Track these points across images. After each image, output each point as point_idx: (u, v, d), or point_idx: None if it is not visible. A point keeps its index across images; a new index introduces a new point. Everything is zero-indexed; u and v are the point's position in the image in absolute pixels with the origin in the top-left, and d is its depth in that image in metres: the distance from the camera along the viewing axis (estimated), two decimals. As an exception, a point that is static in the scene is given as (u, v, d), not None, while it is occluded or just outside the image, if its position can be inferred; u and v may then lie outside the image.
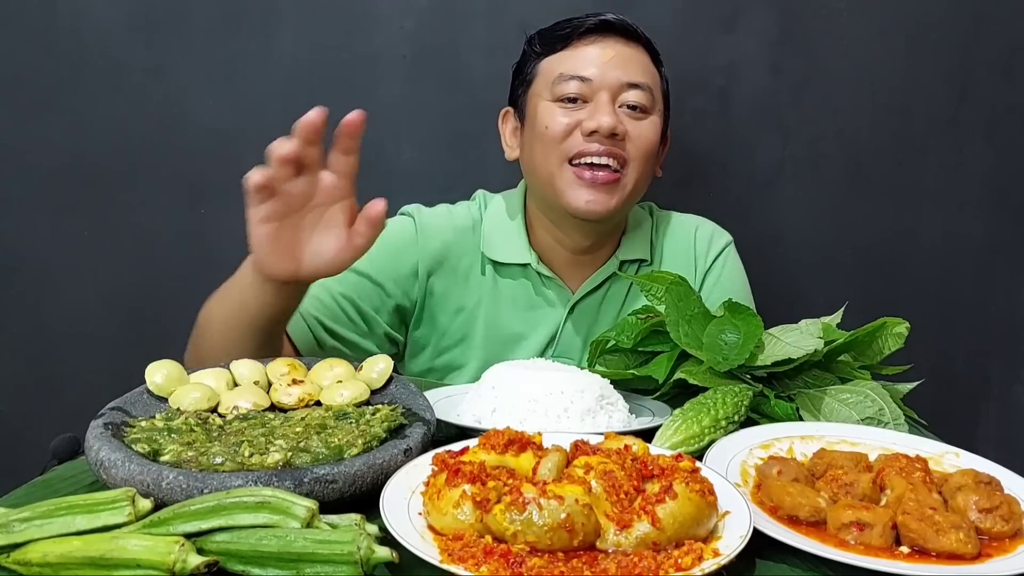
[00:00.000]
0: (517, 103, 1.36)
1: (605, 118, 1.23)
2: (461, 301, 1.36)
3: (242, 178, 0.95)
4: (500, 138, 1.40)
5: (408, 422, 0.83)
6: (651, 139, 1.29)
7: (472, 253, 1.36)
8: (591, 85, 1.26)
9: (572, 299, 1.36)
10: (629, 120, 1.27)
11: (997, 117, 1.66)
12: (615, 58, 1.27)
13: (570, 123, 1.26)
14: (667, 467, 0.70)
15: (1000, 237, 1.71)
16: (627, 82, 1.27)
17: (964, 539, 0.68)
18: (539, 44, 1.32)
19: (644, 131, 1.28)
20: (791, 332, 1.07)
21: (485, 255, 1.36)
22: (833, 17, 1.62)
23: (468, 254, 1.36)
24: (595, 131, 1.24)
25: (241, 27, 1.60)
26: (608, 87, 1.26)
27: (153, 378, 0.88)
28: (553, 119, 1.27)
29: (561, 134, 1.26)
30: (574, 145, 1.26)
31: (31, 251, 1.66)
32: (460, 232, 1.36)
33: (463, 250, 1.35)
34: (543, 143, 1.28)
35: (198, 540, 0.62)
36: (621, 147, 1.26)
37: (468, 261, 1.36)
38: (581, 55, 1.28)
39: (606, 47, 1.28)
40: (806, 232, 1.70)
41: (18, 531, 0.62)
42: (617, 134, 1.24)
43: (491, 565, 0.60)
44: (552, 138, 1.27)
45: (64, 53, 1.59)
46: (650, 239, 1.41)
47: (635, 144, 1.27)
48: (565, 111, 1.27)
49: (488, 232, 1.37)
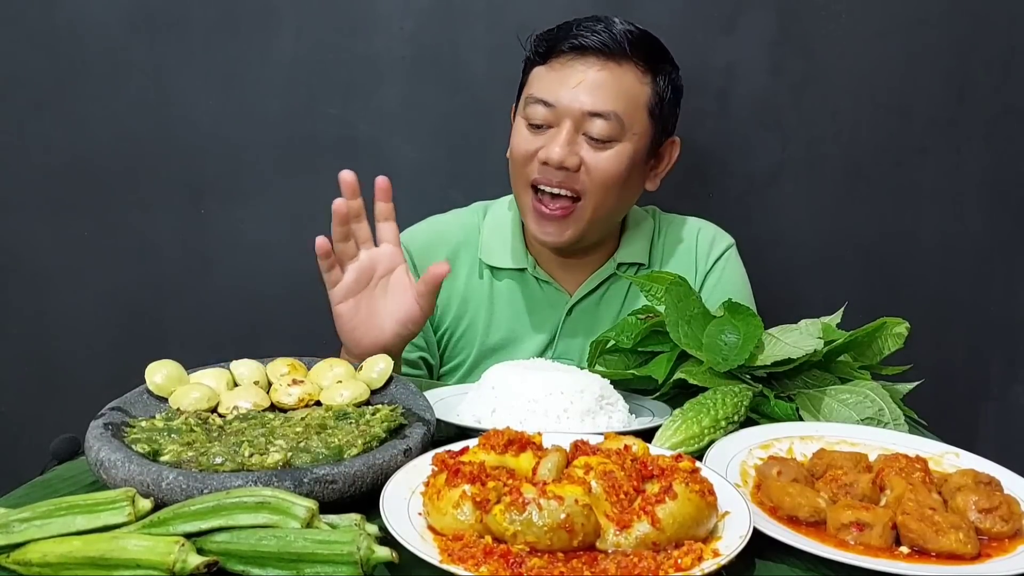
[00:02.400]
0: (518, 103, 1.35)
1: (556, 150, 1.22)
2: (460, 308, 1.38)
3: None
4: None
5: (408, 422, 0.83)
6: (611, 170, 1.25)
7: (470, 261, 1.38)
8: (555, 111, 1.24)
9: (570, 302, 1.37)
10: (589, 151, 1.24)
11: (996, 117, 1.66)
12: (584, 84, 1.23)
13: (530, 150, 1.26)
14: (667, 467, 0.70)
15: (1000, 237, 1.71)
16: (590, 111, 1.23)
17: (964, 539, 0.68)
18: (535, 48, 1.30)
19: (604, 163, 1.24)
20: (791, 332, 1.07)
21: (483, 261, 1.37)
22: (832, 18, 1.62)
23: (466, 264, 1.38)
24: (546, 162, 1.24)
25: (241, 27, 1.60)
26: (571, 115, 1.23)
27: (153, 378, 0.88)
28: (518, 141, 1.28)
29: (522, 159, 1.27)
30: (532, 171, 1.26)
31: (31, 251, 1.66)
32: (455, 246, 1.38)
33: (460, 261, 1.38)
34: (512, 163, 1.30)
35: (198, 540, 0.62)
36: (574, 180, 1.24)
37: (466, 270, 1.38)
38: (553, 77, 1.25)
39: (580, 70, 1.24)
40: (806, 232, 1.70)
41: (18, 531, 0.62)
42: (568, 167, 1.23)
43: (491, 565, 0.60)
44: (516, 160, 1.28)
45: (64, 53, 1.59)
46: (650, 242, 1.41)
47: (592, 176, 1.24)
48: (530, 135, 1.26)
49: (486, 239, 1.38)
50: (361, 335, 1.12)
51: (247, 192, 1.64)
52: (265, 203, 1.65)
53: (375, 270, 1.13)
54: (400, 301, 1.12)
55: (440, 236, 1.38)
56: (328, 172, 1.65)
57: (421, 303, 1.11)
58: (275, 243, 1.66)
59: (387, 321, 1.13)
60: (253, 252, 1.66)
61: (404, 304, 1.12)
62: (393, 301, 1.13)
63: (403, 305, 1.12)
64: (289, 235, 1.66)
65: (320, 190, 1.65)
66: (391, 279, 1.14)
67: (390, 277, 1.14)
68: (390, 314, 1.12)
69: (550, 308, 1.37)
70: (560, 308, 1.37)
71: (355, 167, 1.62)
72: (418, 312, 1.12)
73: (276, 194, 1.64)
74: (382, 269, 1.13)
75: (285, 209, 1.65)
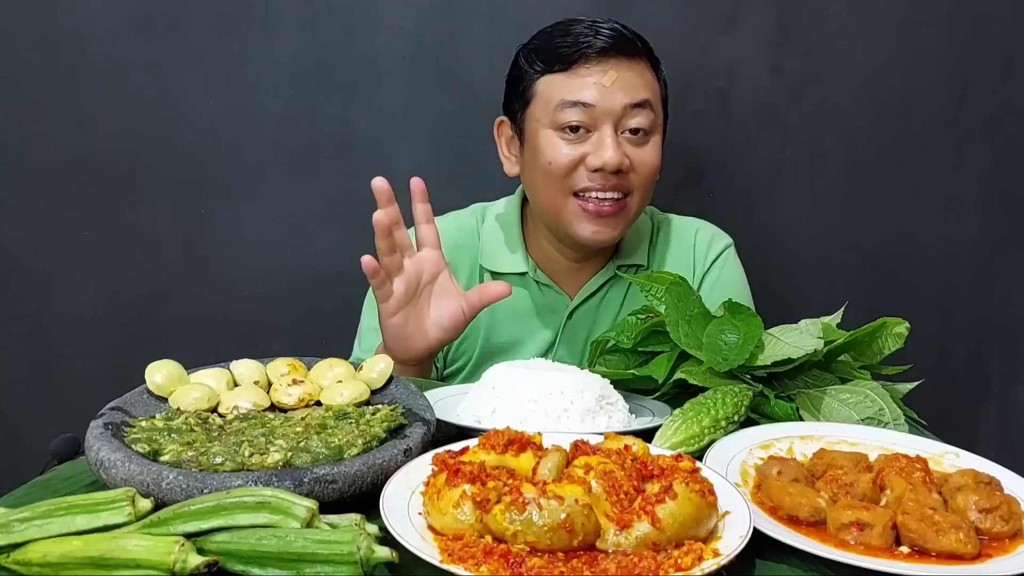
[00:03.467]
0: (515, 117, 1.32)
1: (610, 154, 1.21)
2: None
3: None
4: (497, 147, 1.38)
5: (408, 422, 0.83)
6: (654, 164, 1.27)
7: (470, 265, 1.38)
8: (593, 112, 1.23)
9: (570, 305, 1.37)
10: (632, 148, 1.25)
11: (996, 117, 1.66)
12: (617, 81, 1.23)
13: (575, 157, 1.23)
14: (667, 467, 0.70)
15: (1000, 237, 1.71)
16: (630, 103, 1.23)
17: (964, 539, 0.68)
18: (538, 60, 1.27)
19: (647, 158, 1.26)
20: (791, 332, 1.07)
21: (483, 267, 1.37)
22: (833, 17, 1.62)
23: (466, 267, 1.37)
24: (600, 168, 1.22)
25: (241, 27, 1.60)
26: (611, 114, 1.23)
27: (153, 378, 0.88)
28: (557, 152, 1.24)
29: (565, 169, 1.24)
30: (579, 180, 1.24)
31: (31, 251, 1.66)
32: (453, 249, 1.35)
33: (460, 266, 1.36)
34: (547, 176, 1.26)
35: (198, 540, 0.62)
36: (625, 180, 1.25)
37: (466, 275, 1.37)
38: (581, 80, 1.23)
39: (607, 69, 1.24)
40: (806, 232, 1.70)
41: (18, 531, 0.62)
42: (622, 170, 1.23)
43: (491, 565, 0.60)
44: (556, 173, 1.25)
45: (64, 53, 1.59)
46: (649, 243, 1.41)
47: (639, 173, 1.26)
48: (568, 143, 1.24)
49: (486, 244, 1.38)
50: (412, 342, 1.14)
51: (247, 192, 1.64)
52: (265, 203, 1.65)
53: (421, 277, 1.14)
54: (446, 306, 1.14)
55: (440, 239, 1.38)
56: (328, 172, 1.66)
57: (467, 312, 1.14)
58: (275, 243, 1.66)
59: (433, 327, 1.14)
60: (253, 252, 1.66)
61: (450, 310, 1.14)
62: (439, 307, 1.14)
63: (449, 310, 1.14)
64: (289, 235, 1.66)
65: (320, 190, 1.66)
66: (436, 285, 1.15)
67: (435, 283, 1.15)
68: (436, 320, 1.14)
69: (551, 312, 1.37)
70: (561, 311, 1.37)
71: (355, 167, 1.64)
72: (462, 319, 1.14)
73: (276, 194, 1.65)
74: (427, 276, 1.14)
75: (285, 209, 1.65)
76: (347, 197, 1.63)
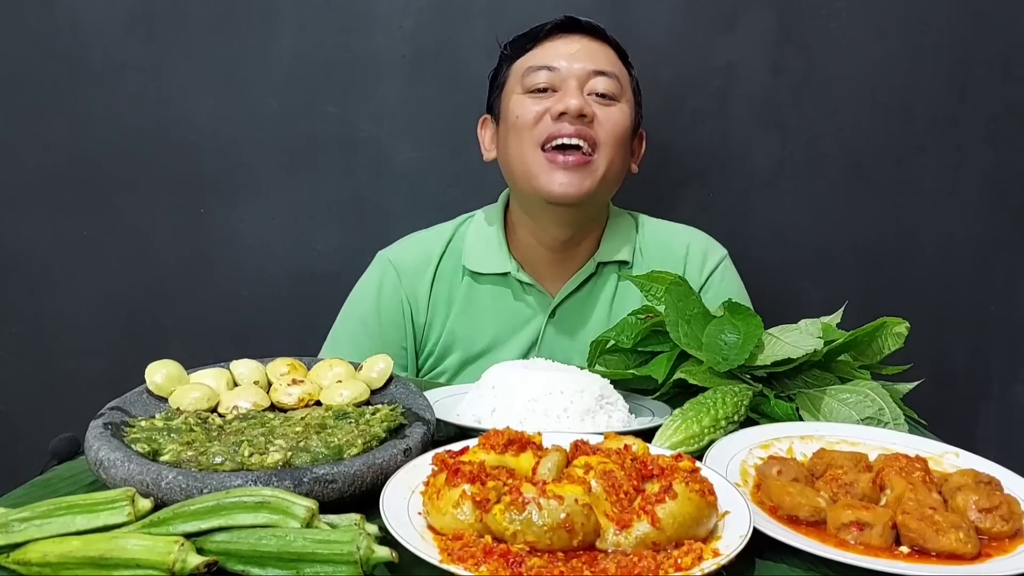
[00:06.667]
0: (493, 109, 1.39)
1: (572, 100, 1.26)
2: (443, 313, 1.39)
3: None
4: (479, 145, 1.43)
5: (408, 422, 0.83)
6: (621, 123, 1.31)
7: (453, 269, 1.39)
8: (559, 74, 1.29)
9: (552, 303, 1.37)
10: (598, 106, 1.29)
11: (997, 117, 1.66)
12: (581, 50, 1.31)
13: (540, 110, 1.29)
14: (667, 467, 0.70)
15: (1000, 237, 1.71)
16: (594, 70, 1.30)
17: (964, 539, 0.68)
18: (510, 48, 1.36)
19: (613, 116, 1.30)
20: (791, 332, 1.07)
21: (466, 267, 1.38)
22: (833, 17, 1.62)
23: (450, 273, 1.39)
24: (564, 112, 1.26)
25: (241, 27, 1.59)
26: (575, 75, 1.29)
27: (153, 378, 0.88)
28: (524, 108, 1.30)
29: (532, 120, 1.29)
30: (544, 129, 1.28)
31: (30, 251, 1.66)
32: (440, 259, 1.39)
33: (444, 271, 1.39)
34: (516, 132, 1.31)
35: (198, 540, 0.62)
36: (591, 128, 1.28)
37: (449, 279, 1.39)
38: (549, 49, 1.32)
39: (572, 41, 1.32)
40: (806, 232, 1.69)
41: (18, 531, 0.62)
42: (585, 115, 1.27)
43: (491, 565, 0.60)
44: (524, 125, 1.30)
45: (63, 53, 1.59)
46: (633, 242, 1.41)
47: (604, 128, 1.29)
48: (535, 99, 1.30)
49: (469, 245, 1.40)
50: None
51: (247, 192, 1.64)
52: (265, 203, 1.65)
53: None
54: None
55: (426, 253, 1.40)
56: (328, 171, 1.66)
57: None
58: (275, 243, 1.66)
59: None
60: (253, 252, 1.66)
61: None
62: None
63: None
64: (289, 234, 1.66)
65: (320, 189, 1.66)
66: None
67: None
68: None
69: (532, 311, 1.38)
70: (543, 310, 1.38)
71: (355, 166, 1.64)
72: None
73: (276, 193, 1.64)
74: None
75: (285, 208, 1.65)
76: (347, 197, 1.63)
